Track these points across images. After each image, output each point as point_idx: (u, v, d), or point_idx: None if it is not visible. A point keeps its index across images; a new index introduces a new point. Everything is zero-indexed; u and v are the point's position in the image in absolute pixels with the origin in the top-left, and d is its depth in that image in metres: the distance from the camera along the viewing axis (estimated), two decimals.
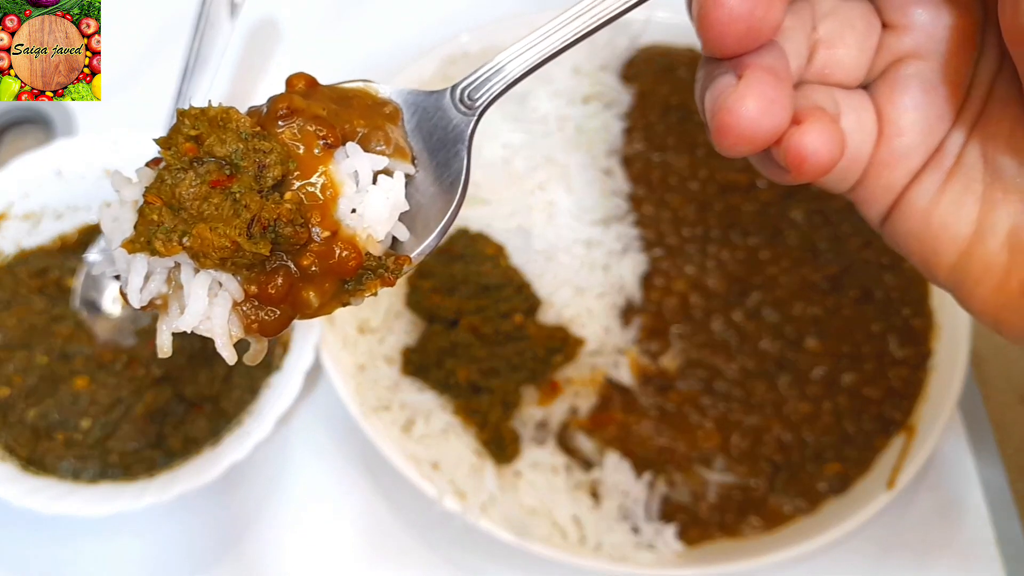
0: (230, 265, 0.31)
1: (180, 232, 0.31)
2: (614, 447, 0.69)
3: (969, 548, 0.72)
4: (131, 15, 0.97)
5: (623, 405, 0.70)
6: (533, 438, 0.68)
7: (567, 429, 0.69)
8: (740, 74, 0.33)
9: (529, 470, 0.66)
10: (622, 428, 0.69)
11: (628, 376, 0.71)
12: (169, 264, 0.32)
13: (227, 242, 0.30)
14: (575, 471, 0.67)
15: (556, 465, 0.67)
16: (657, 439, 0.69)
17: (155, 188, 0.33)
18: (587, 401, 0.70)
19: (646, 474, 0.68)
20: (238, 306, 0.32)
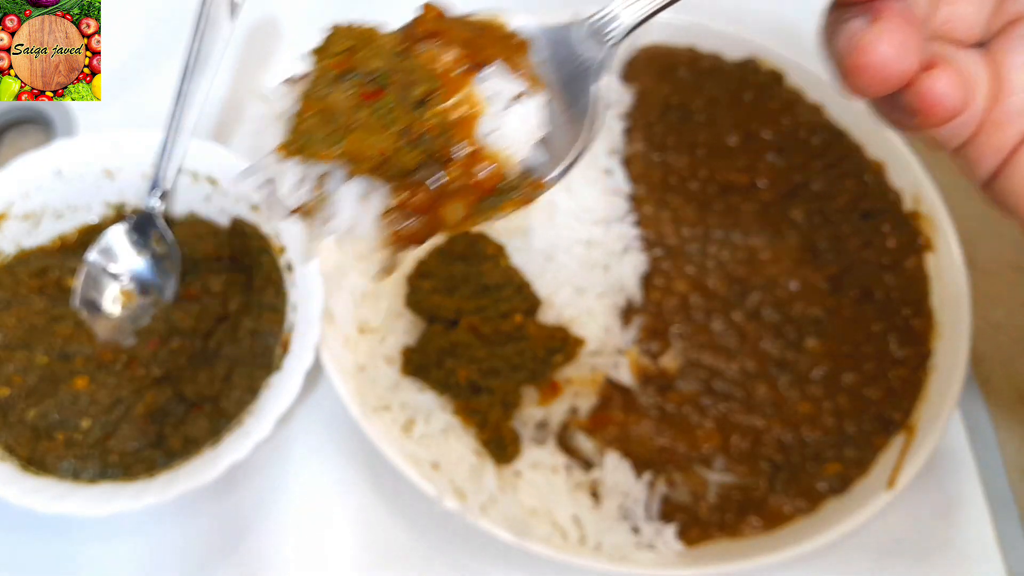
0: (379, 175, 0.33)
1: (335, 139, 0.33)
2: (614, 447, 0.69)
3: (970, 548, 0.72)
4: (131, 15, 0.97)
5: (623, 405, 0.70)
6: (533, 438, 0.68)
7: (567, 429, 0.70)
8: (875, 18, 0.35)
9: (529, 470, 0.66)
10: (622, 428, 0.69)
11: (628, 376, 0.71)
12: (318, 172, 0.33)
13: (378, 151, 0.32)
14: (575, 471, 0.67)
15: (556, 465, 0.67)
16: (657, 439, 0.69)
17: (310, 97, 0.35)
18: (587, 401, 0.70)
19: (646, 474, 0.68)
20: (384, 216, 0.34)
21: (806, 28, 0.96)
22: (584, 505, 0.65)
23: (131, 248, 0.75)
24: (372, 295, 0.73)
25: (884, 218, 0.80)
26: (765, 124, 0.84)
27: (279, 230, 0.72)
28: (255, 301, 0.72)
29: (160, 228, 0.75)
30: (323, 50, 0.36)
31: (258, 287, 0.72)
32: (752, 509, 0.68)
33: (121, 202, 0.77)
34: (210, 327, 0.72)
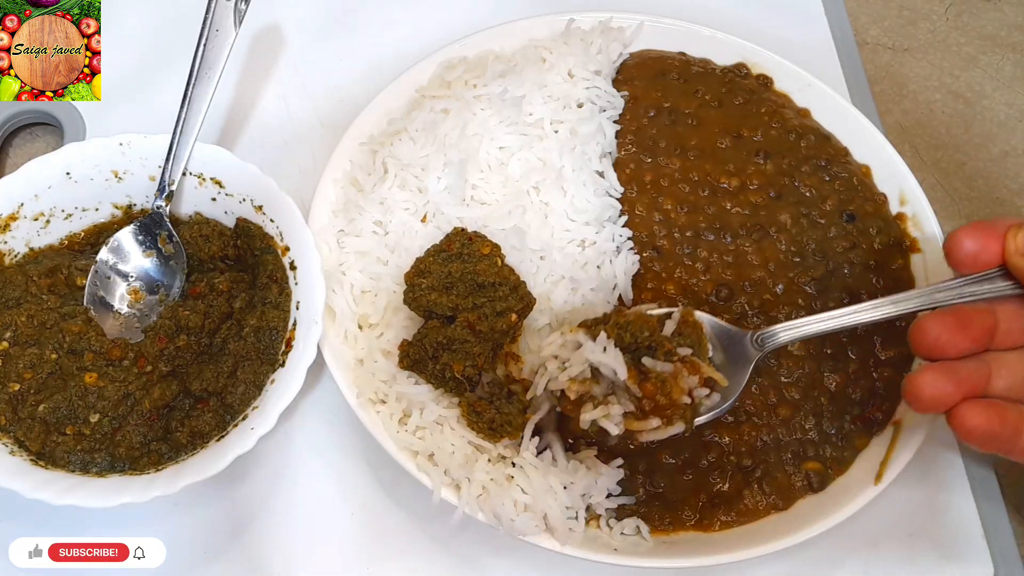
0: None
1: None
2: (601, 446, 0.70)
3: (957, 542, 0.73)
4: (137, 22, 0.99)
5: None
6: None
7: (560, 426, 0.71)
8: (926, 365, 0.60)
9: (522, 463, 0.67)
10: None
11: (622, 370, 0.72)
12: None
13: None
14: (565, 466, 0.68)
15: (547, 460, 0.68)
16: (637, 441, 0.70)
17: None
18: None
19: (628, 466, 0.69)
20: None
21: (793, 35, 0.99)
22: (574, 498, 0.67)
23: (139, 248, 0.77)
24: (371, 292, 0.75)
25: (870, 220, 0.81)
26: (754, 128, 0.85)
27: (282, 230, 0.74)
28: (259, 299, 0.73)
29: (167, 229, 0.77)
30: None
31: (262, 285, 0.74)
32: (737, 504, 0.69)
33: (129, 203, 0.79)
34: (216, 324, 0.73)
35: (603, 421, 0.61)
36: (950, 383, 0.58)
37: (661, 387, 0.61)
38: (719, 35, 0.90)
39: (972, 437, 0.58)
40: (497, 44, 0.88)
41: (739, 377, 0.67)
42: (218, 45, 0.76)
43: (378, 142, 0.81)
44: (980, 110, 0.99)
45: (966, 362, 0.59)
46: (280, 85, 0.96)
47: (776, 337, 0.67)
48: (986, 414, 0.57)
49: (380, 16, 1.01)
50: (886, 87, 1.00)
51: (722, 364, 0.67)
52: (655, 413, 0.61)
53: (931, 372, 0.59)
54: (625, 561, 0.65)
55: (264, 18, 0.99)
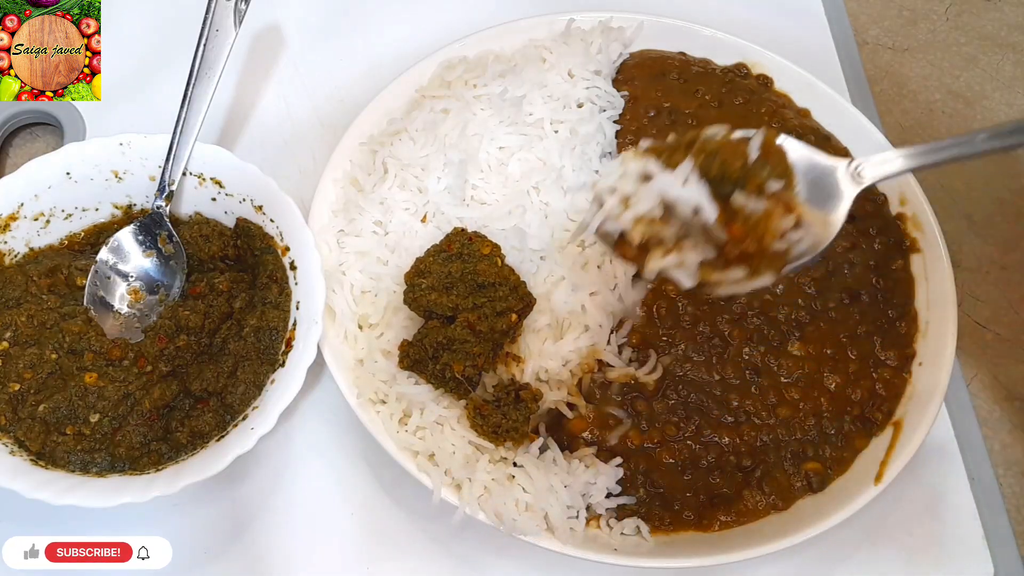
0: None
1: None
2: (601, 446, 0.70)
3: (957, 542, 0.73)
4: (137, 22, 0.99)
5: (605, 416, 0.71)
6: None
7: (558, 426, 0.71)
8: None
9: (522, 463, 0.68)
10: (604, 427, 0.70)
11: (617, 361, 0.72)
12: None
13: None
14: (565, 466, 0.68)
15: (547, 460, 0.68)
16: (636, 441, 0.70)
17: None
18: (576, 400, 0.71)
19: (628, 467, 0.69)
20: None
21: (793, 35, 0.99)
22: (573, 497, 0.67)
23: (139, 248, 0.77)
24: (371, 292, 0.75)
25: (870, 220, 0.81)
26: (754, 127, 0.85)
27: (282, 230, 0.74)
28: (259, 299, 0.73)
29: (167, 229, 0.77)
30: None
31: (262, 285, 0.74)
32: (737, 504, 0.69)
33: (129, 203, 0.79)
34: (216, 324, 0.73)
35: (675, 272, 0.51)
36: None
37: (752, 230, 0.50)
38: (719, 35, 0.90)
39: None
40: (497, 44, 0.88)
41: (833, 217, 0.56)
42: (218, 45, 0.76)
43: (378, 142, 0.81)
44: (980, 110, 0.99)
45: None
46: (280, 85, 0.96)
47: (881, 166, 0.55)
48: None
49: (380, 16, 1.01)
50: (886, 87, 1.00)
51: (806, 201, 0.55)
52: (740, 261, 0.50)
53: None
54: (625, 561, 0.65)
55: (264, 18, 0.99)
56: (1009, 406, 0.82)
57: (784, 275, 0.54)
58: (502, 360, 0.70)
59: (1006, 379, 0.83)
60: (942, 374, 0.72)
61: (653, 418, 0.71)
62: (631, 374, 0.72)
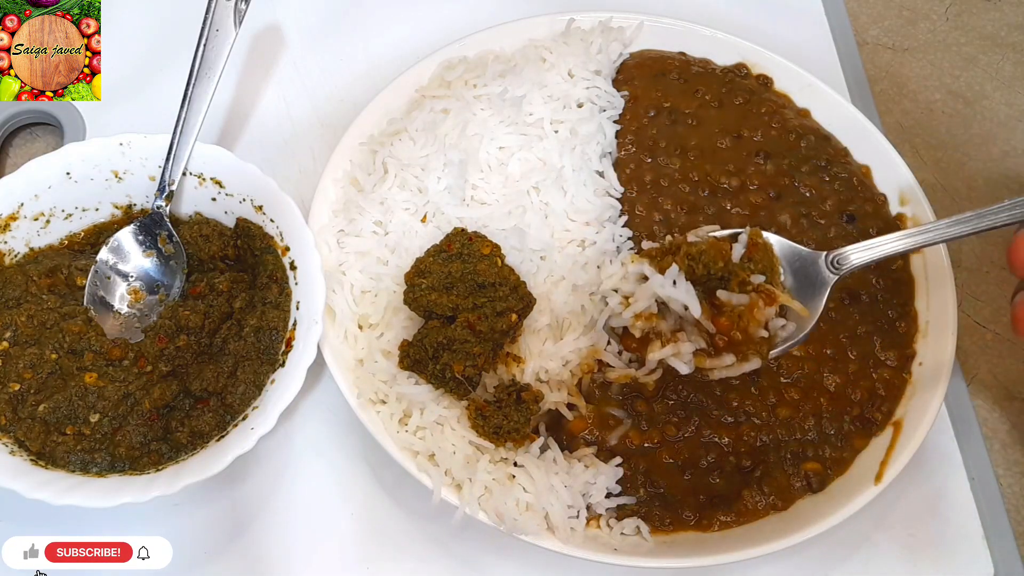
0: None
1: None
2: (601, 446, 0.70)
3: (957, 542, 0.73)
4: (137, 22, 0.99)
5: (605, 416, 0.71)
6: None
7: (558, 426, 0.71)
8: None
9: (523, 463, 0.68)
10: (604, 427, 0.70)
11: (616, 360, 0.72)
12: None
13: None
14: (565, 466, 0.68)
15: (548, 459, 0.68)
16: (636, 441, 0.70)
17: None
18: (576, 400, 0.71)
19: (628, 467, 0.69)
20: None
21: (793, 35, 0.99)
22: (574, 498, 0.67)
23: (139, 248, 0.77)
24: (371, 292, 0.75)
25: (870, 220, 0.81)
26: (754, 128, 0.85)
27: (282, 230, 0.74)
28: (259, 299, 0.73)
29: (167, 229, 0.77)
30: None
31: (262, 285, 0.74)
32: (737, 505, 0.69)
33: (129, 203, 0.79)
34: (216, 324, 0.73)
35: (672, 360, 0.57)
36: None
37: (737, 321, 0.56)
38: (719, 35, 0.90)
39: None
40: (497, 44, 0.88)
41: (815, 303, 0.62)
42: (218, 45, 0.76)
43: (378, 142, 0.81)
44: (980, 110, 0.99)
45: None
46: (280, 85, 0.96)
47: (851, 258, 0.62)
48: None
49: (380, 16, 1.01)
50: (886, 87, 1.00)
51: (792, 288, 0.63)
52: (729, 349, 0.57)
53: None
54: (625, 561, 0.65)
55: (264, 18, 0.99)
56: (1009, 406, 0.82)
57: (773, 358, 0.60)
58: (502, 360, 0.70)
59: (1006, 379, 0.83)
60: (942, 374, 0.72)
61: (653, 418, 0.71)
62: (631, 374, 0.72)
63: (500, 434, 0.67)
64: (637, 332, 0.58)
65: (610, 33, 0.88)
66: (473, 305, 0.68)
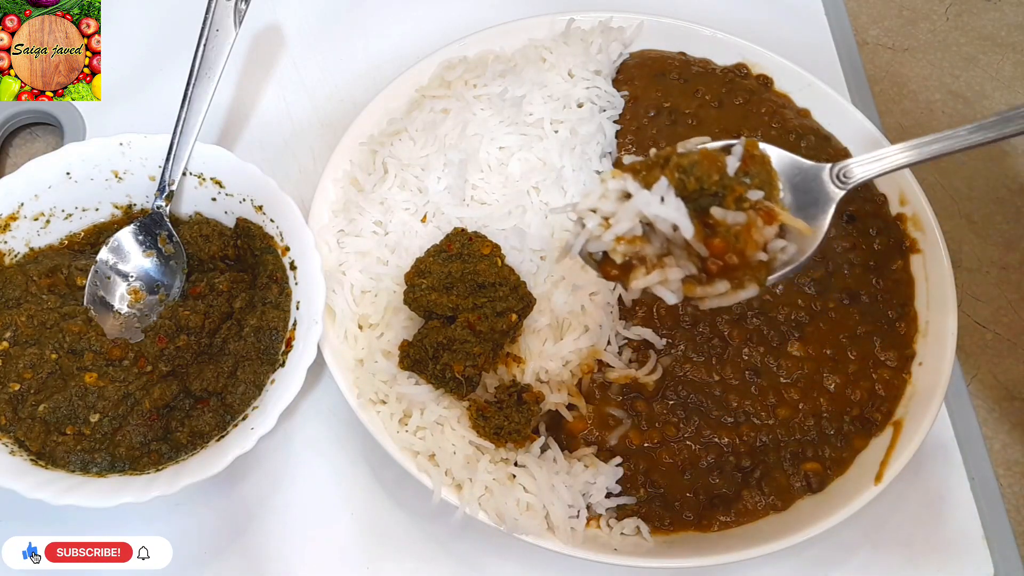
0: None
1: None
2: (601, 446, 0.70)
3: (957, 542, 0.73)
4: (137, 22, 0.99)
5: (605, 416, 0.71)
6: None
7: (558, 426, 0.71)
8: None
9: (524, 463, 0.68)
10: (604, 427, 0.70)
11: (616, 361, 0.72)
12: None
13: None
14: (566, 465, 0.68)
15: (548, 459, 0.68)
16: (636, 441, 0.70)
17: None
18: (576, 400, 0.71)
19: (628, 467, 0.69)
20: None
21: (793, 35, 0.99)
22: (574, 498, 0.67)
23: (139, 248, 0.77)
24: (371, 292, 0.75)
25: (870, 220, 0.81)
26: (754, 128, 0.85)
27: (282, 230, 0.74)
28: (259, 299, 0.73)
29: (167, 229, 0.77)
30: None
31: (262, 285, 0.74)
32: (736, 505, 0.69)
33: (129, 203, 0.79)
34: (216, 324, 0.73)
35: (659, 289, 0.50)
36: None
37: (733, 243, 0.49)
38: (719, 35, 0.90)
39: None
40: (497, 44, 0.88)
41: (819, 222, 0.55)
42: (218, 45, 0.76)
43: (378, 142, 0.81)
44: (980, 110, 0.99)
45: None
46: (280, 85, 0.96)
47: (856, 171, 0.55)
48: None
49: (380, 16, 1.01)
50: (886, 87, 1.00)
51: (791, 206, 0.55)
52: (723, 275, 0.49)
53: None
54: (625, 561, 0.65)
55: (264, 18, 0.99)
56: (1009, 406, 0.82)
57: (771, 284, 0.52)
58: (502, 360, 0.70)
59: (1006, 379, 0.83)
60: (942, 374, 0.72)
61: (653, 418, 0.71)
62: (631, 375, 0.72)
63: (501, 435, 0.67)
64: (619, 257, 0.50)
65: (610, 33, 0.88)
66: (473, 305, 0.68)
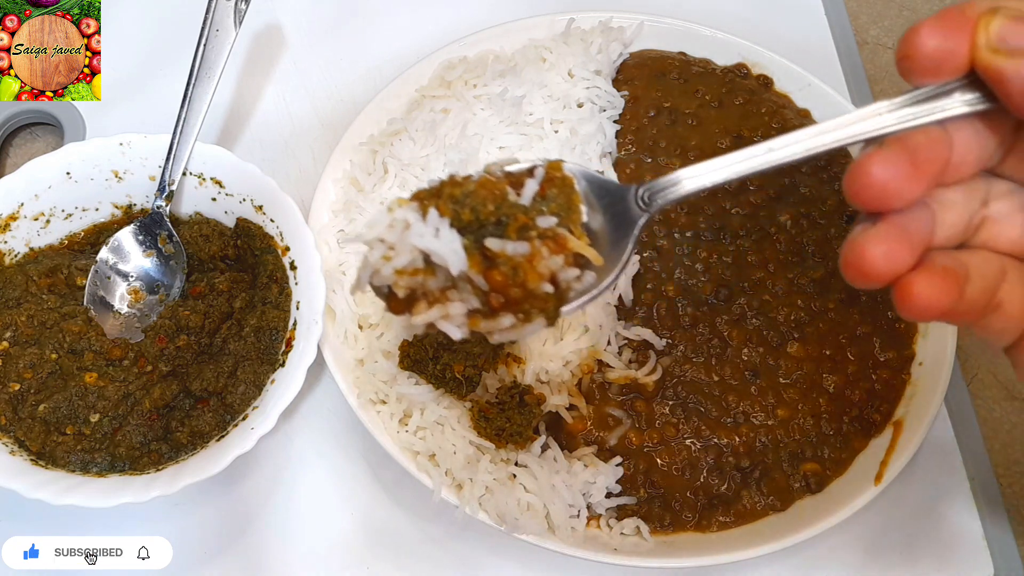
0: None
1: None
2: (601, 446, 0.70)
3: (957, 542, 0.73)
4: (137, 22, 0.99)
5: (605, 417, 0.71)
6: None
7: (557, 425, 0.71)
8: (874, 224, 0.41)
9: (525, 463, 0.68)
10: (604, 427, 0.70)
11: (616, 361, 0.72)
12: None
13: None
14: (566, 465, 0.68)
15: (549, 459, 0.68)
16: (636, 441, 0.71)
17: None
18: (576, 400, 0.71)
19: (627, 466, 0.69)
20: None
21: (793, 35, 0.99)
22: (574, 498, 0.67)
23: (139, 248, 0.77)
24: (371, 292, 0.75)
25: None
26: (754, 128, 0.85)
27: (282, 230, 0.74)
28: (259, 299, 0.73)
29: (167, 228, 0.77)
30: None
31: (262, 285, 0.74)
32: (736, 505, 0.69)
33: (129, 203, 0.79)
34: (216, 324, 0.73)
35: (442, 324, 0.46)
36: (903, 246, 0.40)
37: (513, 276, 0.45)
38: (719, 35, 0.90)
39: (924, 314, 0.40)
40: (497, 44, 0.88)
41: (620, 247, 0.49)
42: (218, 45, 0.77)
43: (378, 142, 0.81)
44: None
45: (914, 213, 0.41)
46: (280, 85, 0.96)
47: (667, 191, 0.47)
48: (943, 286, 0.40)
49: (380, 16, 1.01)
50: (886, 87, 1.00)
51: (602, 230, 0.49)
52: (508, 309, 0.45)
53: (881, 233, 0.40)
54: (625, 561, 0.65)
55: (264, 18, 0.99)
56: (1009, 406, 0.82)
57: (568, 314, 0.48)
58: (503, 361, 0.70)
59: (1006, 379, 0.83)
60: (942, 374, 0.72)
61: (652, 419, 0.71)
62: (631, 375, 0.72)
63: (503, 436, 0.67)
64: (401, 291, 0.47)
65: (610, 33, 0.88)
66: None
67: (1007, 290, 0.42)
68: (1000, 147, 0.42)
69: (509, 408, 0.67)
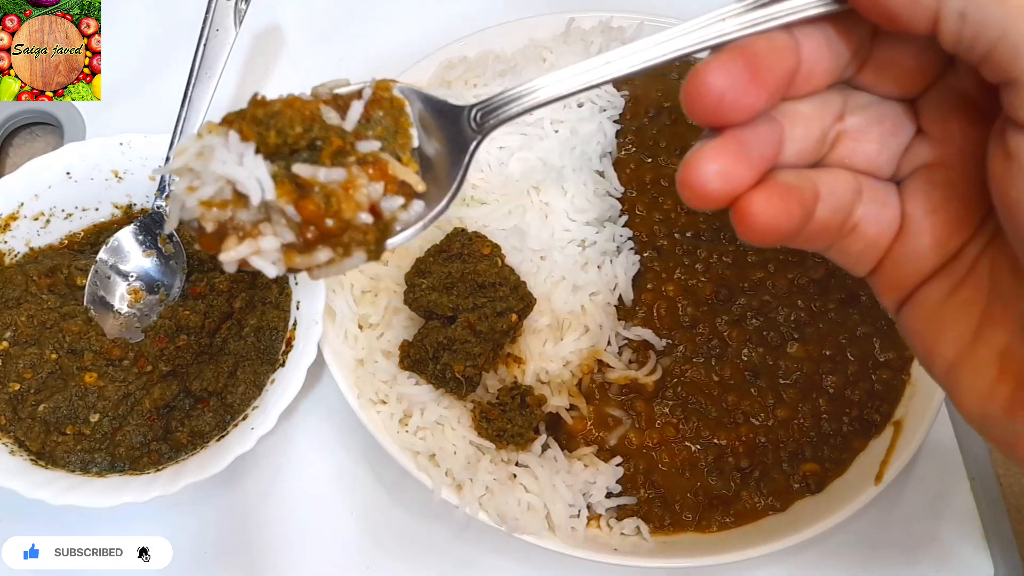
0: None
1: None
2: (601, 446, 0.70)
3: (957, 542, 0.73)
4: (137, 22, 0.99)
5: (605, 417, 0.71)
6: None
7: (557, 425, 0.71)
8: (705, 140, 0.36)
9: (526, 463, 0.68)
10: (604, 427, 0.70)
11: (617, 361, 0.72)
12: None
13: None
14: (566, 465, 0.68)
15: (549, 459, 0.68)
16: (636, 441, 0.71)
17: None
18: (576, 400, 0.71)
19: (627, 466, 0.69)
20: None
21: None
22: (575, 498, 0.67)
23: (139, 248, 0.77)
24: (371, 292, 0.75)
25: None
26: None
27: None
28: (259, 299, 0.73)
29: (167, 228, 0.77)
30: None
31: (262, 285, 0.74)
32: (736, 505, 0.69)
33: (129, 203, 0.79)
34: (216, 324, 0.73)
35: (255, 260, 0.43)
36: (741, 162, 0.36)
37: (326, 205, 0.41)
38: None
39: (765, 236, 0.37)
40: (497, 44, 0.88)
41: (452, 173, 0.44)
42: (218, 45, 0.76)
43: None
44: None
45: (756, 127, 0.37)
46: (280, 85, 0.96)
47: (499, 111, 0.43)
48: (784, 205, 0.36)
49: (380, 16, 1.01)
50: None
51: (439, 157, 0.45)
52: (324, 241, 0.42)
53: (717, 148, 0.36)
54: (625, 561, 0.65)
55: (264, 18, 0.99)
56: None
57: (395, 247, 0.45)
58: (503, 361, 0.70)
59: None
60: None
61: (652, 419, 0.71)
62: (631, 375, 0.72)
63: (504, 438, 0.67)
64: (209, 225, 0.43)
65: (610, 33, 0.88)
66: (473, 305, 0.67)
67: (863, 211, 0.38)
68: (856, 56, 0.37)
69: (511, 410, 0.67)
